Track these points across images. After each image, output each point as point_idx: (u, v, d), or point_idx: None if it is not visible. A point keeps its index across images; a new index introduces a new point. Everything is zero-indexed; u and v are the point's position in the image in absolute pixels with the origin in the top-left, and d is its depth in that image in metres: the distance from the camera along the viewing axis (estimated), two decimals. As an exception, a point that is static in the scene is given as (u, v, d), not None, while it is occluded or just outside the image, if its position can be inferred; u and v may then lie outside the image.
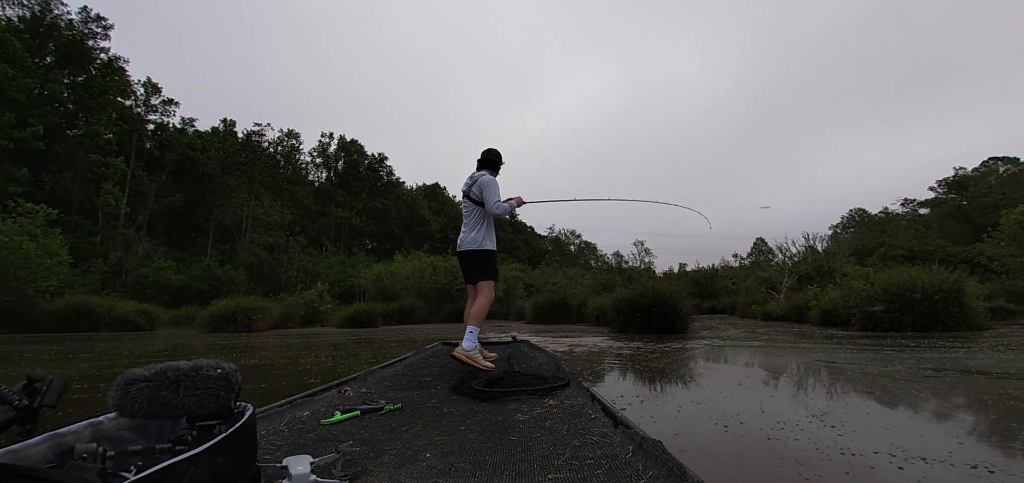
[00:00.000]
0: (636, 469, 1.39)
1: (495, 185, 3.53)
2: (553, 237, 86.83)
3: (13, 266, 14.09)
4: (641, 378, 4.23)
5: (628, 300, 11.16)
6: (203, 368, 1.39)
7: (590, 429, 1.87)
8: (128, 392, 1.27)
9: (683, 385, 3.87)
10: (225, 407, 1.40)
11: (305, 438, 1.82)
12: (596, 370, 4.81)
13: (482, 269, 3.48)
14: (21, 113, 27.53)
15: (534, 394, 2.52)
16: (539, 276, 37.74)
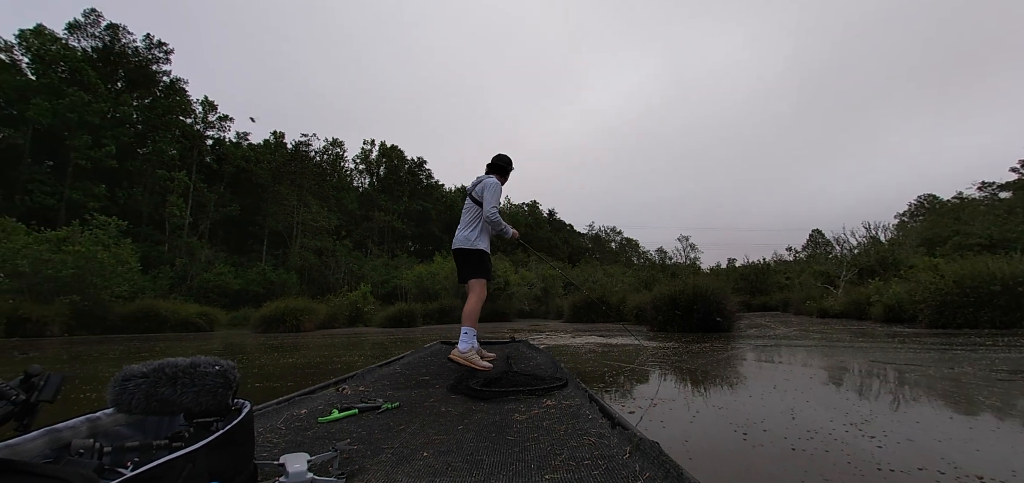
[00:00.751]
0: (633, 470, 1.38)
1: (497, 189, 3.49)
2: (593, 235, 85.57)
3: (90, 273, 15.59)
4: (663, 379, 4.02)
5: (667, 297, 10.74)
6: (201, 365, 1.39)
7: (588, 430, 1.85)
8: (126, 388, 1.28)
9: (707, 388, 3.64)
10: (223, 404, 1.40)
11: (302, 436, 1.84)
12: (619, 370, 4.63)
13: (474, 268, 3.45)
14: (97, 135, 30.34)
15: (532, 394, 2.50)
16: (578, 274, 37.26)
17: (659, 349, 6.38)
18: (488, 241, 3.56)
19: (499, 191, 3.51)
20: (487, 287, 3.48)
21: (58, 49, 30.84)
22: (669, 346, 6.80)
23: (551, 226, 77.58)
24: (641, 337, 9.09)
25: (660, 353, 5.83)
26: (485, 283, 3.45)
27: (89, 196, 29.28)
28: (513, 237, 3.70)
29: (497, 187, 3.49)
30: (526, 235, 67.62)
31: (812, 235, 56.17)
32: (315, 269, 37.51)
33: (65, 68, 30.56)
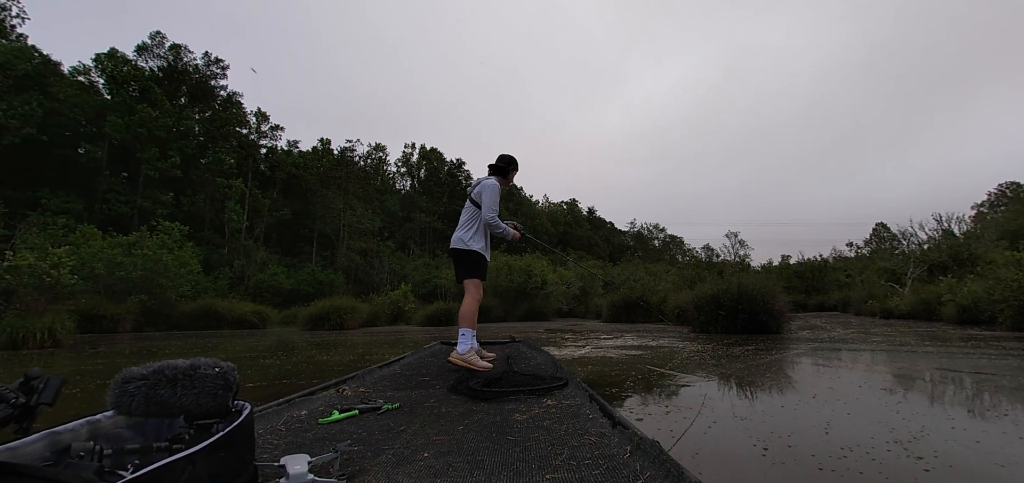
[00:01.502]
0: (634, 470, 1.38)
1: (495, 191, 3.46)
2: (635, 232, 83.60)
3: (156, 275, 16.94)
4: (689, 384, 3.78)
5: (709, 297, 10.26)
6: (201, 367, 1.39)
7: (588, 429, 1.84)
8: (126, 390, 1.28)
9: (735, 394, 3.39)
10: (223, 406, 1.40)
11: (303, 437, 1.85)
12: (646, 374, 4.43)
13: (469, 269, 3.44)
14: (163, 148, 32.89)
15: (532, 394, 2.48)
16: (619, 273, 36.49)
17: (696, 352, 6.09)
18: (485, 242, 3.54)
19: (497, 193, 3.49)
20: (481, 288, 3.48)
21: (129, 70, 33.73)
22: (708, 348, 6.48)
23: (591, 224, 76.49)
24: (680, 338, 8.74)
25: (696, 356, 5.56)
26: (479, 284, 3.45)
27: (157, 204, 31.85)
28: (514, 238, 3.65)
29: (495, 189, 3.47)
30: (565, 233, 67.04)
31: (876, 229, 52.25)
32: (360, 269, 38.94)
33: (135, 87, 33.37)
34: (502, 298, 22.41)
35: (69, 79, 32.21)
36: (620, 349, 6.83)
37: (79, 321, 13.67)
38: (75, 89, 31.63)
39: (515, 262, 24.35)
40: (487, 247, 3.56)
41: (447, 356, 3.58)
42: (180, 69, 38.09)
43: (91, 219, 27.08)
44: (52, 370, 5.57)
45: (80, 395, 4.32)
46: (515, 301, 22.53)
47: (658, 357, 5.64)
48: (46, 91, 29.89)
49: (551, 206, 74.46)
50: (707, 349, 6.43)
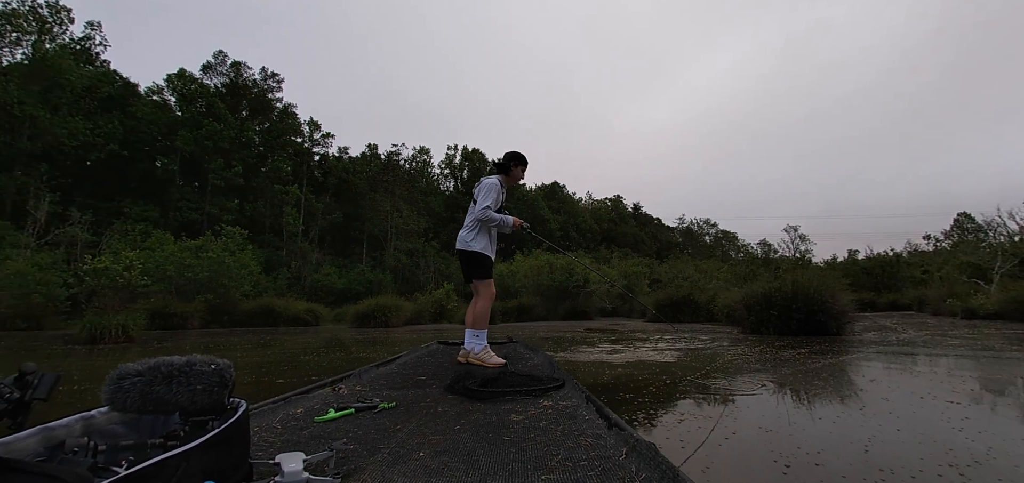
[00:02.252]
0: (629, 471, 1.38)
1: (491, 189, 3.47)
2: (683, 228, 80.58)
3: (220, 276, 18.25)
4: (719, 392, 3.48)
5: (761, 295, 9.64)
6: (197, 363, 1.39)
7: (584, 431, 1.84)
8: (121, 386, 1.29)
9: (767, 403, 3.09)
10: (218, 403, 1.40)
11: (298, 435, 1.86)
12: (677, 379, 4.16)
13: (474, 269, 3.46)
14: (227, 158, 35.38)
15: (529, 395, 2.46)
16: (667, 270, 35.23)
17: (740, 355, 5.69)
18: (488, 241, 3.53)
19: (494, 190, 3.48)
20: (492, 287, 3.47)
21: (196, 87, 36.59)
22: (755, 352, 6.05)
23: (636, 221, 74.50)
24: (727, 340, 8.26)
25: (738, 360, 5.17)
26: (490, 283, 3.45)
27: (223, 210, 34.34)
28: (515, 226, 3.59)
29: (491, 187, 3.48)
30: (609, 231, 65.66)
31: (957, 219, 47.18)
32: (407, 269, 40.11)
33: (202, 103, 36.13)
34: (544, 297, 22.26)
35: (145, 98, 35.42)
36: (656, 351, 6.52)
37: (152, 318, 15.00)
38: (151, 107, 34.74)
39: (557, 261, 24.10)
40: (490, 246, 3.54)
41: (444, 356, 3.62)
42: (240, 84, 40.85)
43: (166, 226, 29.62)
44: (125, 362, 6.09)
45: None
46: (557, 300, 22.31)
47: (696, 361, 5.32)
48: (126, 110, 33.02)
49: (595, 203, 73.21)
50: (754, 352, 6.01)
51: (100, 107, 31.09)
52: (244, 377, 4.85)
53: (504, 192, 3.67)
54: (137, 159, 33.17)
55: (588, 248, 54.47)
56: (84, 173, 31.26)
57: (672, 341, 8.36)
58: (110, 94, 32.08)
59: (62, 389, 4.36)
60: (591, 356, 6.20)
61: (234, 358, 6.84)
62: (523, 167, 3.73)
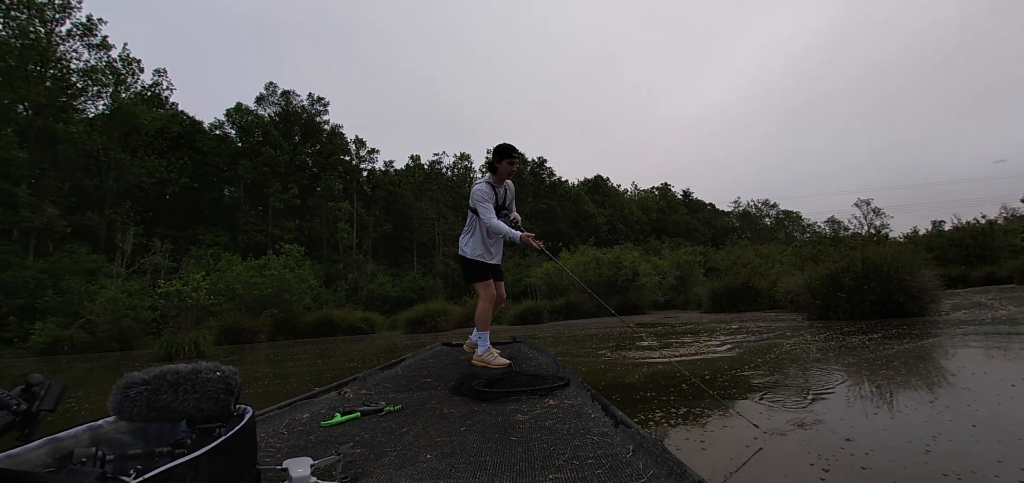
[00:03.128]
0: (636, 468, 1.37)
1: (479, 193, 3.33)
2: (739, 211, 76.45)
3: (282, 291, 19.39)
4: (752, 386, 3.07)
5: (826, 277, 8.80)
6: (202, 371, 1.40)
7: (590, 429, 1.83)
8: (127, 395, 1.30)
9: (814, 398, 2.68)
10: (225, 410, 1.41)
11: (305, 440, 1.87)
12: (714, 375, 3.76)
13: (469, 274, 3.48)
14: (284, 181, 37.67)
15: (534, 394, 2.44)
16: (723, 257, 33.48)
17: (798, 345, 5.10)
18: (482, 246, 3.45)
19: (482, 194, 3.33)
20: (490, 288, 3.42)
21: (252, 119, 39.31)
22: (817, 340, 5.45)
23: (687, 208, 71.60)
24: (790, 328, 7.59)
25: (796, 350, 4.61)
26: (488, 286, 3.41)
27: (284, 230, 36.62)
28: (524, 240, 3.29)
29: (480, 194, 3.33)
30: (658, 221, 63.54)
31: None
32: (457, 273, 40.88)
33: (259, 133, 38.71)
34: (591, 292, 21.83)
35: (210, 134, 38.46)
36: (703, 345, 5.96)
37: (224, 334, 16.15)
38: (215, 141, 37.69)
39: (603, 255, 23.53)
40: (486, 251, 3.46)
41: (449, 358, 3.68)
42: (291, 111, 43.45)
43: (235, 248, 31.95)
44: None
45: None
46: (605, 295, 21.76)
47: (748, 353, 4.83)
48: (194, 146, 36.02)
49: (641, 194, 71.13)
50: (816, 341, 5.42)
51: (171, 145, 34.17)
52: (304, 388, 5.00)
53: (502, 191, 3.52)
54: (206, 189, 36.13)
55: (636, 240, 52.95)
56: (162, 206, 34.41)
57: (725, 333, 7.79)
58: (179, 132, 35.19)
59: None
60: (626, 360, 5.76)
61: (296, 368, 7.15)
62: (507, 159, 3.45)
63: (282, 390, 5.09)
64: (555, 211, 53.43)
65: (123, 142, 30.10)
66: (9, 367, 10.84)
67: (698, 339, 7.02)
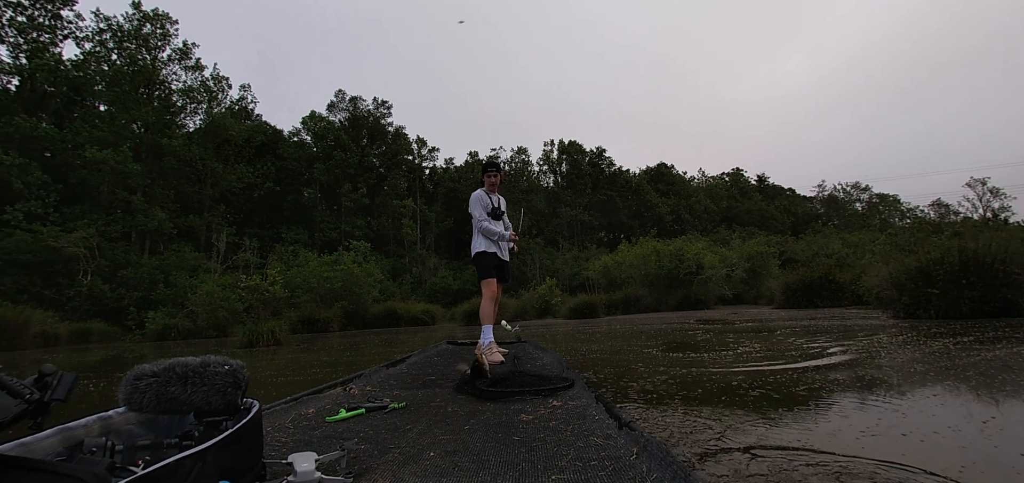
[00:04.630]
0: (640, 471, 1.37)
1: (473, 200, 3.83)
2: (824, 196, 69.73)
3: (351, 284, 20.78)
4: (800, 405, 2.64)
5: (915, 270, 7.71)
6: (211, 365, 1.43)
7: (594, 430, 1.83)
8: (137, 387, 1.34)
9: (842, 410, 2.29)
10: (232, 403, 1.43)
11: (310, 435, 1.89)
12: (771, 388, 3.36)
13: (477, 271, 3.82)
14: (354, 182, 40.09)
15: (538, 395, 2.42)
16: (804, 247, 30.77)
17: (863, 350, 4.38)
18: (484, 246, 3.81)
19: (477, 202, 3.82)
20: (492, 286, 3.69)
21: (325, 125, 42.19)
22: (894, 342, 4.76)
23: (762, 194, 66.54)
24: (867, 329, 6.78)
25: (860, 358, 3.90)
26: (491, 283, 3.68)
27: (355, 227, 39.03)
28: (511, 240, 3.86)
29: (474, 200, 3.83)
30: (729, 209, 59.66)
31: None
32: (514, 267, 41.20)
33: (331, 138, 41.47)
34: (652, 287, 20.98)
35: (289, 141, 41.82)
36: (746, 351, 5.24)
37: (302, 324, 17.57)
38: (294, 147, 40.94)
39: (664, 247, 22.55)
40: (494, 245, 3.82)
41: (453, 356, 3.96)
42: (358, 116, 46.06)
43: (313, 245, 34.58)
44: (274, 364, 7.09)
45: (303, 381, 5.18)
46: (667, 289, 20.86)
47: (798, 358, 4.32)
48: (276, 153, 39.37)
49: (710, 181, 67.18)
50: (892, 343, 4.74)
51: (257, 153, 37.65)
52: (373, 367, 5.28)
53: (495, 198, 3.95)
54: (287, 192, 39.42)
55: (704, 230, 50.16)
56: (251, 208, 38.04)
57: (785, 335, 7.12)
58: (263, 141, 38.68)
59: None
60: (670, 355, 5.31)
61: (366, 354, 7.59)
62: (487, 173, 4.00)
63: (356, 364, 5.49)
64: (615, 202, 52.04)
65: (216, 152, 33.71)
66: (130, 351, 12.58)
67: (745, 337, 6.44)
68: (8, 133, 24.17)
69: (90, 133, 26.83)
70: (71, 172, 26.21)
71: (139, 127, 30.26)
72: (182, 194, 31.87)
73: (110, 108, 29.93)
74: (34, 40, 28.23)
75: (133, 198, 27.38)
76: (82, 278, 22.25)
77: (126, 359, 9.87)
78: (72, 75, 28.88)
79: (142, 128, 30.29)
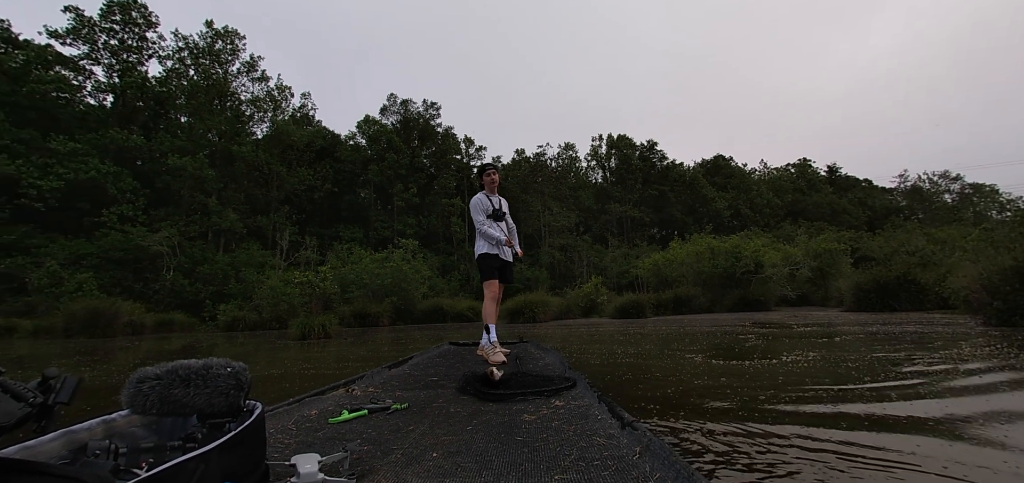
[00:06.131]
0: (643, 471, 1.37)
1: (473, 204, 3.85)
2: (907, 187, 63.22)
3: (401, 281, 21.49)
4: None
5: (1009, 270, 6.71)
6: (213, 367, 1.44)
7: (597, 430, 1.83)
8: (140, 390, 1.36)
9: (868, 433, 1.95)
10: (235, 405, 1.44)
11: (313, 436, 1.89)
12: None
13: (480, 273, 3.83)
14: (405, 182, 41.43)
15: (541, 395, 2.40)
16: (881, 244, 28.07)
17: (940, 364, 3.80)
18: (487, 248, 3.83)
19: (478, 205, 3.84)
20: (494, 287, 3.71)
21: (378, 128, 43.87)
22: (977, 352, 4.12)
23: (833, 186, 61.46)
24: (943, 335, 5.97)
25: (933, 375, 3.36)
26: (492, 284, 3.70)
27: (406, 226, 40.32)
28: (507, 242, 3.82)
29: (474, 204, 3.86)
30: (795, 203, 55.62)
31: None
32: (561, 264, 40.94)
33: (384, 140, 43.04)
34: (705, 286, 19.95)
35: (345, 144, 43.88)
36: (796, 361, 4.71)
37: (354, 318, 18.38)
38: (350, 150, 42.92)
39: (719, 244, 21.36)
40: (488, 253, 3.82)
41: (455, 357, 3.94)
42: (409, 118, 47.46)
43: (367, 243, 36.10)
44: (323, 356, 7.41)
45: (350, 369, 5.36)
46: (722, 289, 19.75)
47: (851, 374, 3.81)
48: (334, 156, 41.46)
49: (772, 173, 62.94)
50: (973, 353, 4.12)
51: (317, 157, 39.91)
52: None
53: (496, 200, 3.97)
54: (344, 192, 41.44)
55: (766, 226, 47.09)
56: (312, 208, 40.33)
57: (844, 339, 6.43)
58: (322, 145, 40.92)
59: (288, 363, 5.49)
60: (711, 362, 4.92)
61: (408, 349, 7.76)
62: (484, 174, 4.03)
63: (390, 358, 5.69)
64: (667, 197, 50.08)
65: (281, 157, 36.08)
66: (203, 340, 13.73)
67: (804, 350, 5.84)
68: (104, 144, 27.17)
69: (172, 142, 29.61)
70: (157, 178, 29.05)
71: (214, 136, 33.00)
72: (251, 196, 34.41)
73: (189, 119, 32.90)
74: (124, 60, 31.59)
75: (209, 201, 29.91)
76: (165, 274, 24.61)
77: (200, 348, 10.77)
78: (157, 90, 32.01)
79: (216, 137, 33.01)
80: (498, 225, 3.81)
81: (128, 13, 31.51)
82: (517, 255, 3.95)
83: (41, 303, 19.47)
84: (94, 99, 31.36)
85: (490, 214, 3.81)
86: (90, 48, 30.48)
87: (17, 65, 26.19)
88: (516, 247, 3.94)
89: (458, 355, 4.53)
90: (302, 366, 5.96)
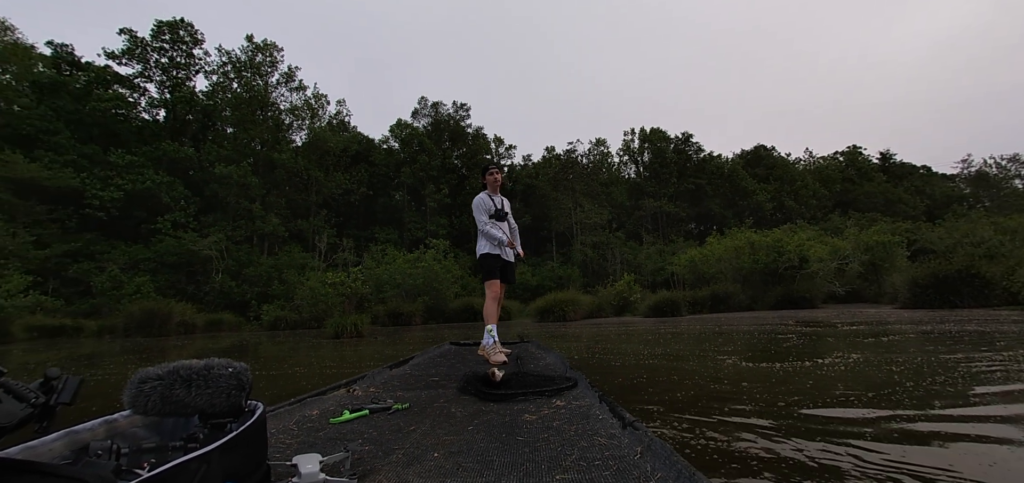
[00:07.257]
0: (645, 471, 1.37)
1: (475, 204, 3.86)
2: (970, 173, 58.38)
3: (433, 280, 21.84)
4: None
5: None
6: (215, 367, 1.44)
7: (598, 430, 1.83)
8: (142, 390, 1.35)
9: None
10: (236, 405, 1.43)
11: (314, 436, 1.89)
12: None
13: (482, 272, 3.84)
14: (437, 183, 42.15)
15: (542, 395, 2.46)
16: (942, 235, 26.06)
17: (997, 363, 3.41)
18: (488, 247, 3.83)
19: (479, 205, 3.84)
20: (495, 287, 3.72)
21: (410, 131, 44.80)
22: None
23: (886, 174, 57.61)
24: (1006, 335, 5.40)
25: (991, 393, 2.92)
26: (493, 284, 3.72)
27: (438, 226, 41.01)
28: (508, 244, 3.79)
29: (476, 204, 3.86)
30: (845, 192, 52.58)
31: None
32: (594, 262, 40.42)
33: (416, 143, 43.91)
34: (745, 283, 19.11)
35: (379, 148, 45.06)
36: (836, 363, 4.30)
37: (387, 317, 18.81)
38: (384, 154, 44.04)
39: (760, 238, 20.42)
40: (490, 253, 3.83)
41: (456, 357, 3.96)
42: (440, 120, 48.21)
43: (402, 243, 36.94)
44: (356, 353, 7.59)
45: (371, 363, 5.48)
46: (763, 285, 18.86)
47: (894, 385, 3.42)
48: (369, 160, 42.67)
49: (818, 162, 59.71)
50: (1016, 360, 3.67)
51: (352, 161, 41.21)
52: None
53: (499, 199, 3.97)
54: (379, 195, 42.58)
55: (812, 218, 44.71)
56: (349, 211, 41.65)
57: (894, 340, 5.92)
58: (357, 151, 42.22)
59: (330, 359, 5.63)
60: (744, 365, 4.61)
61: (429, 347, 7.84)
62: (487, 173, 4.02)
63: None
64: (705, 190, 48.46)
65: (318, 163, 37.51)
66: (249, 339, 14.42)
67: (846, 351, 5.39)
68: (159, 156, 29.08)
69: (218, 152, 31.34)
70: (206, 186, 30.84)
71: (257, 144, 34.67)
72: (292, 201, 35.96)
73: (234, 130, 34.71)
74: (174, 77, 33.71)
75: (253, 207, 31.46)
76: (214, 276, 26.10)
77: (246, 346, 11.30)
78: (204, 104, 33.96)
79: (259, 145, 34.67)
80: (500, 225, 3.80)
81: (176, 32, 33.60)
82: (519, 255, 3.92)
83: (104, 305, 21.05)
84: (148, 114, 33.77)
85: (492, 214, 3.82)
86: (143, 67, 32.76)
87: (80, 86, 28.46)
88: (518, 248, 3.93)
89: (459, 355, 4.54)
90: (326, 365, 6.10)
